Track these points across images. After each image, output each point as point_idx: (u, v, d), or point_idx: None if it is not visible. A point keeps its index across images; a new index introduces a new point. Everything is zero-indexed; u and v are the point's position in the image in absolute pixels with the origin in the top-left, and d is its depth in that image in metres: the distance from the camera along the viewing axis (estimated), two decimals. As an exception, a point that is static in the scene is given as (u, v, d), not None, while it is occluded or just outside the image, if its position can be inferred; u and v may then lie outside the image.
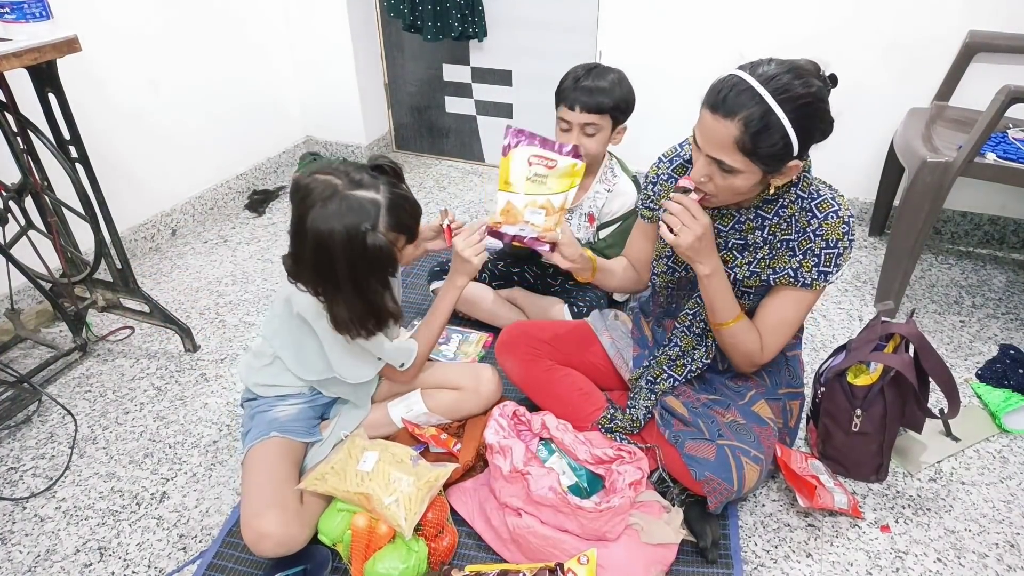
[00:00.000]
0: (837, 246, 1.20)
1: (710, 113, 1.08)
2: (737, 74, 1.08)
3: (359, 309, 1.19)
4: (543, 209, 1.30)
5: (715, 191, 1.15)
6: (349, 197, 1.13)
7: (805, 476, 1.38)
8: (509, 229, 1.31)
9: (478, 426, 1.50)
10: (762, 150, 1.06)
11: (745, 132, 1.05)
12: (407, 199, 1.20)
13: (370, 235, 1.13)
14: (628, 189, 1.76)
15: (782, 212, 1.22)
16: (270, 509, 1.20)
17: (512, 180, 1.31)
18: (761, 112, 1.04)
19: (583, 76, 1.60)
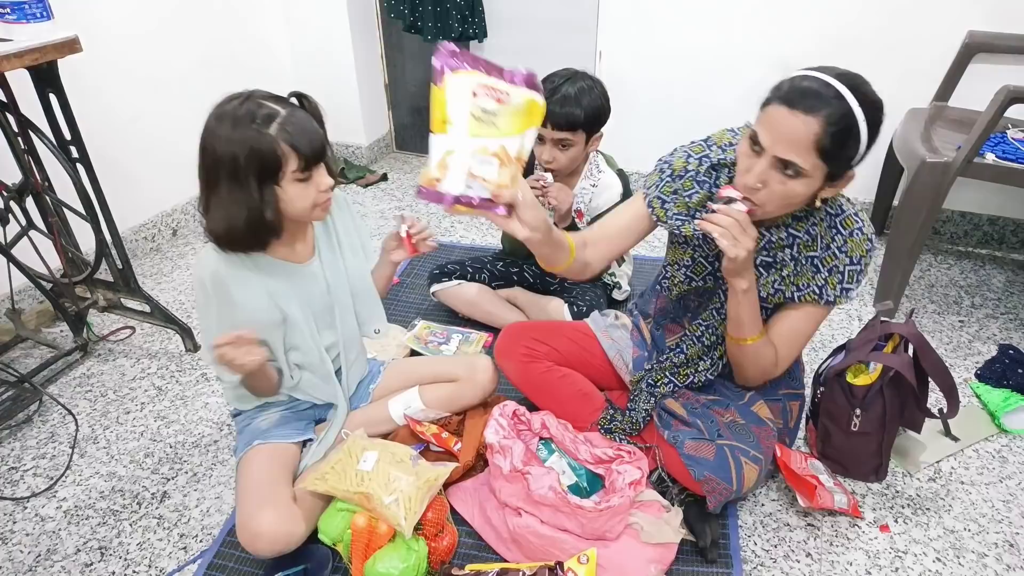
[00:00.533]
0: (860, 262, 1.18)
1: (786, 109, 1.01)
2: (811, 73, 1.03)
3: (234, 213, 1.12)
4: (495, 158, 0.96)
5: (765, 200, 1.07)
6: (252, 104, 1.10)
7: (805, 476, 1.38)
8: (451, 187, 0.95)
9: (478, 426, 1.50)
10: (839, 152, 1.01)
11: (826, 130, 0.99)
12: (310, 125, 1.12)
13: (255, 132, 1.07)
14: (613, 183, 1.78)
15: (812, 231, 1.18)
16: (261, 509, 1.21)
17: (450, 118, 0.95)
18: (843, 111, 0.99)
19: (558, 87, 1.59)
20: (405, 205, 2.77)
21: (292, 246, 1.28)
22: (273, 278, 1.26)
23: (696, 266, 1.32)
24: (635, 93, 2.62)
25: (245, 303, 1.23)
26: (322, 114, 1.19)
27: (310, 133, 1.11)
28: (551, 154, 1.65)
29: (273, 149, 1.08)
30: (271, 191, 1.12)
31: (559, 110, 1.59)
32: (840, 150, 1.01)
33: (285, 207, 1.16)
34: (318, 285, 1.32)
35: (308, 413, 1.45)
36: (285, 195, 1.14)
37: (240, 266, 1.22)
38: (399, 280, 2.23)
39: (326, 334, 1.38)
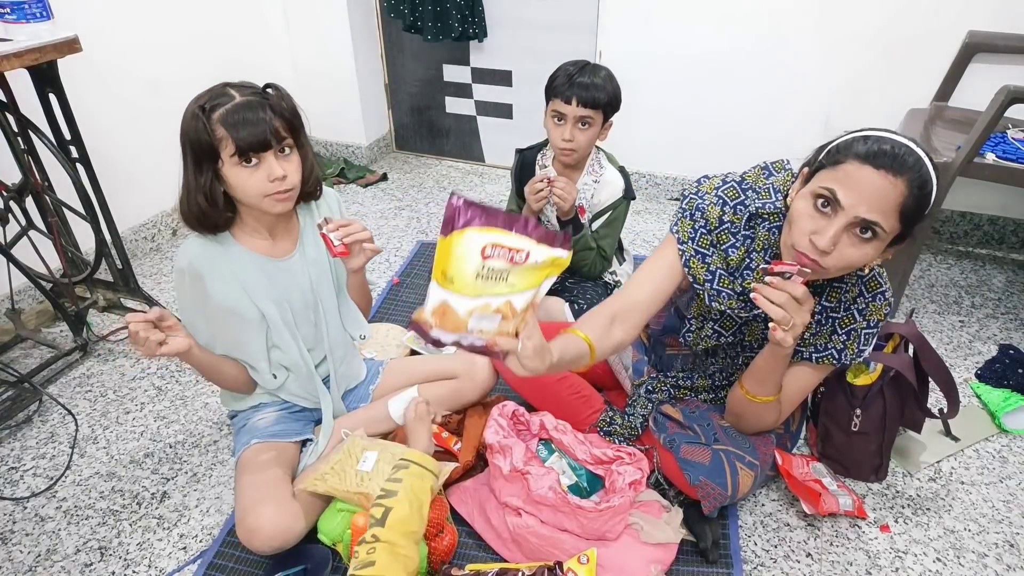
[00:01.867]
0: (877, 326, 1.15)
1: (872, 169, 0.94)
2: (887, 135, 0.97)
3: (191, 192, 1.18)
4: (497, 314, 0.90)
5: (832, 264, 0.99)
6: (218, 88, 1.14)
7: (808, 483, 1.38)
8: (444, 336, 0.91)
9: (478, 425, 1.50)
10: (918, 216, 0.96)
11: (912, 193, 0.94)
12: (257, 113, 1.11)
13: (196, 117, 1.11)
14: (615, 179, 1.78)
15: (844, 297, 1.13)
16: (258, 504, 1.21)
17: (453, 276, 0.88)
18: (925, 176, 0.94)
19: (577, 72, 1.62)
20: (405, 205, 2.77)
21: (272, 240, 1.28)
22: (249, 272, 1.25)
23: (725, 320, 1.25)
24: (635, 93, 2.60)
25: (219, 297, 1.23)
26: (290, 105, 1.18)
27: (252, 121, 1.11)
28: (571, 133, 1.65)
29: (209, 132, 1.10)
30: (210, 174, 1.15)
31: (584, 91, 1.61)
32: (919, 214, 0.96)
33: (233, 192, 1.17)
34: (298, 281, 1.31)
35: (305, 414, 1.45)
36: (229, 179, 1.15)
37: (217, 258, 1.23)
38: (399, 280, 2.23)
39: (309, 332, 1.37)
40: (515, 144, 1.96)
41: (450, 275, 0.88)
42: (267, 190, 1.16)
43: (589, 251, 1.79)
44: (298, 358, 1.35)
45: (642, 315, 1.20)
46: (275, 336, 1.31)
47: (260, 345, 1.31)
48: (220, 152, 1.12)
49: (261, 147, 1.13)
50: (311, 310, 1.35)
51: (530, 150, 1.87)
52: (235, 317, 1.26)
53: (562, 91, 1.63)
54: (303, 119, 1.20)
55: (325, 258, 1.34)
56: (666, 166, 2.76)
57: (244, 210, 1.23)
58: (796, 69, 2.38)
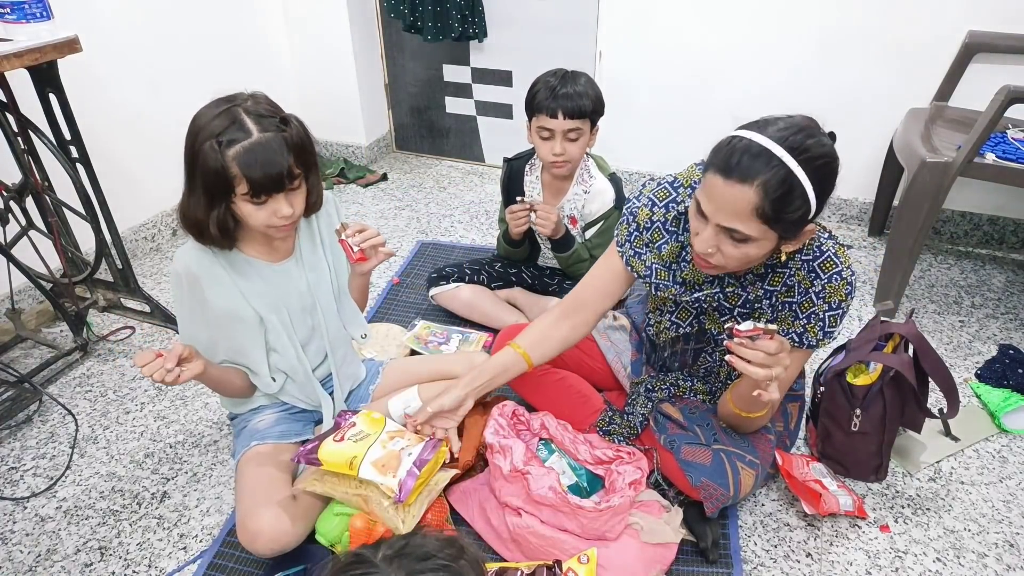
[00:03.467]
0: (841, 307, 1.15)
1: (721, 179, 0.98)
2: (746, 135, 0.99)
3: (199, 211, 1.15)
4: (399, 437, 1.26)
5: (723, 262, 1.06)
6: (233, 114, 1.10)
7: (809, 483, 1.38)
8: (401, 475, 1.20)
9: (478, 425, 1.50)
10: (783, 216, 0.98)
11: (765, 198, 0.96)
12: (273, 154, 1.10)
13: (213, 150, 1.08)
14: (605, 187, 1.77)
15: (789, 281, 1.16)
16: (260, 508, 1.21)
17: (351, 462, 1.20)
18: (783, 175, 0.95)
19: (559, 84, 1.61)
20: (405, 205, 2.77)
21: (270, 245, 1.28)
22: (246, 277, 1.26)
23: (681, 311, 1.29)
24: (635, 93, 2.62)
25: (217, 301, 1.23)
26: (306, 141, 1.17)
27: (267, 163, 1.09)
28: (562, 147, 1.65)
29: (224, 170, 1.08)
30: (224, 206, 1.14)
31: (569, 102, 1.60)
32: (783, 214, 0.97)
33: (243, 220, 1.17)
34: (296, 285, 1.31)
35: (305, 415, 1.45)
36: (240, 211, 1.15)
37: (214, 263, 1.23)
38: (399, 280, 2.23)
39: (306, 335, 1.37)
40: (516, 144, 1.96)
41: (351, 463, 1.20)
42: (273, 223, 1.16)
43: (584, 262, 1.80)
44: (295, 362, 1.35)
45: (591, 314, 1.31)
46: (273, 340, 1.31)
47: (259, 349, 1.31)
48: (234, 188, 1.11)
49: (275, 190, 1.13)
50: (308, 313, 1.35)
51: (518, 159, 1.87)
52: (234, 321, 1.26)
53: (546, 106, 1.61)
54: (314, 147, 1.20)
55: (323, 261, 1.34)
56: (665, 166, 2.75)
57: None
58: (796, 69, 2.38)
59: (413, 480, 1.19)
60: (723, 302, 1.21)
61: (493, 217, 2.66)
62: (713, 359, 1.32)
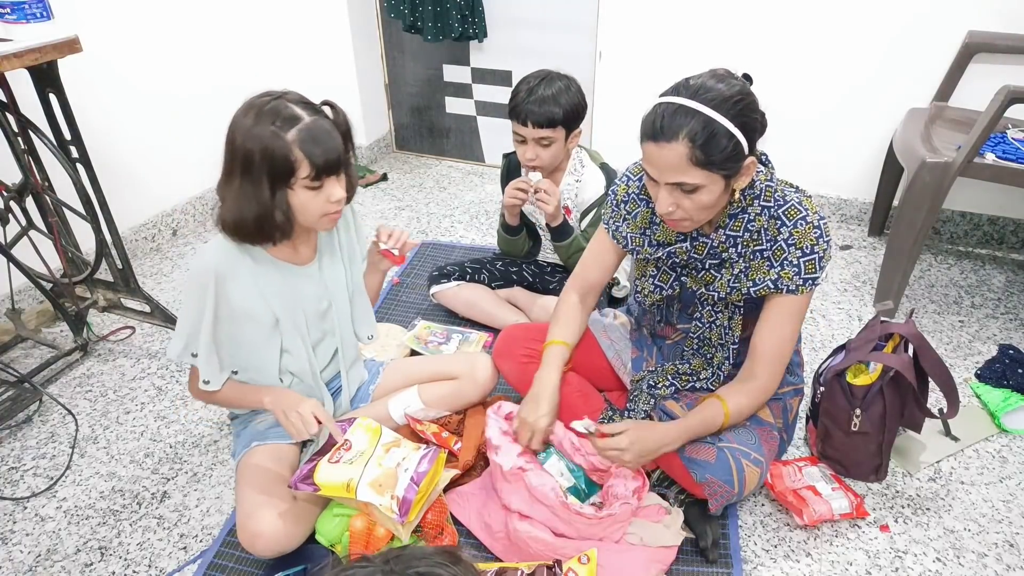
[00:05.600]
0: (814, 252, 1.19)
1: (653, 144, 1.09)
2: (663, 100, 1.10)
3: (245, 207, 1.13)
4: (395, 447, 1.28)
5: (685, 215, 1.15)
6: (281, 104, 1.11)
7: (801, 490, 1.39)
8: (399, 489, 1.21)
9: (478, 425, 1.50)
10: (716, 156, 1.07)
11: (694, 145, 1.06)
12: (329, 136, 1.12)
13: (272, 134, 1.08)
14: (597, 177, 1.80)
15: (751, 226, 1.20)
16: (261, 509, 1.21)
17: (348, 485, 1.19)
18: (703, 122, 1.06)
19: (534, 87, 1.63)
20: (405, 205, 2.77)
21: (295, 248, 1.28)
22: (269, 278, 1.26)
23: (662, 275, 1.34)
24: (635, 93, 2.62)
25: (237, 300, 1.23)
26: (350, 127, 1.19)
27: (327, 144, 1.11)
28: (534, 152, 1.69)
29: (286, 154, 1.09)
30: (283, 194, 1.13)
31: (538, 109, 1.62)
32: (714, 154, 1.07)
33: (297, 213, 1.17)
34: (315, 288, 1.32)
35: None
36: (296, 200, 1.15)
37: (240, 262, 1.22)
38: (399, 280, 2.23)
39: (320, 338, 1.38)
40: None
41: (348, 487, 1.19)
42: (327, 211, 1.17)
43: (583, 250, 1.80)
44: (305, 364, 1.35)
45: (599, 288, 1.49)
46: (287, 341, 1.31)
47: (271, 350, 1.31)
48: (295, 172, 1.11)
49: (334, 171, 1.14)
50: (323, 317, 1.36)
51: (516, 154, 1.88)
52: (249, 321, 1.26)
53: (517, 113, 1.64)
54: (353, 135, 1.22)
55: (340, 265, 1.36)
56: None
57: None
58: (796, 69, 2.38)
59: (413, 495, 1.19)
60: (693, 254, 1.26)
61: (493, 217, 2.66)
62: (702, 321, 1.34)
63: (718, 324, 1.32)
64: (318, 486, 1.19)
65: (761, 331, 1.27)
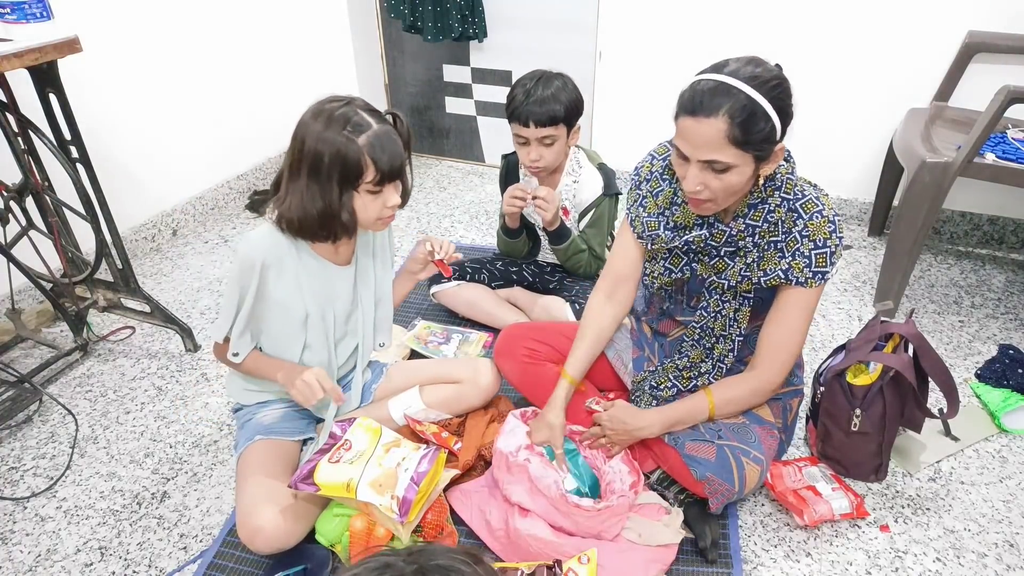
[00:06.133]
0: (827, 246, 1.20)
1: (691, 118, 1.09)
2: (704, 77, 1.10)
3: (309, 205, 1.17)
4: (395, 447, 1.28)
5: (712, 196, 1.15)
6: (350, 110, 1.16)
7: (801, 491, 1.39)
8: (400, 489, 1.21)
9: (479, 425, 1.50)
10: (753, 136, 1.08)
11: (733, 123, 1.06)
12: (395, 144, 1.18)
13: (344, 138, 1.13)
14: (594, 177, 1.79)
15: (770, 217, 1.21)
16: (261, 505, 1.21)
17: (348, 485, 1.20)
18: (743, 101, 1.06)
19: (531, 88, 1.63)
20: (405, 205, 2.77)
21: (337, 248, 1.31)
22: (310, 273, 1.29)
23: (673, 258, 1.34)
24: (635, 93, 2.62)
25: (276, 292, 1.26)
26: (412, 136, 1.26)
27: (392, 151, 1.16)
28: (537, 152, 1.68)
29: (358, 158, 1.14)
30: (349, 195, 1.18)
31: (539, 108, 1.62)
32: (752, 135, 1.08)
33: (356, 212, 1.20)
34: (347, 289, 1.35)
35: (309, 413, 1.45)
36: (357, 202, 1.19)
37: (285, 255, 1.26)
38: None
39: (344, 338, 1.40)
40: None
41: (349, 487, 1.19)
42: (383, 215, 1.23)
43: (581, 253, 1.80)
44: (326, 359, 1.37)
45: (632, 282, 1.44)
46: (311, 337, 1.33)
47: (297, 343, 1.33)
48: (362, 175, 1.15)
49: (396, 176, 1.20)
50: (350, 317, 1.39)
51: (515, 155, 1.88)
52: (284, 313, 1.29)
53: (518, 114, 1.64)
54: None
55: (372, 269, 1.40)
56: (666, 166, 2.76)
57: None
58: (796, 69, 2.37)
59: (413, 494, 1.19)
60: (710, 241, 1.26)
61: (493, 217, 2.66)
62: (707, 311, 1.33)
63: (723, 314, 1.32)
64: (318, 486, 1.19)
65: (769, 324, 1.29)
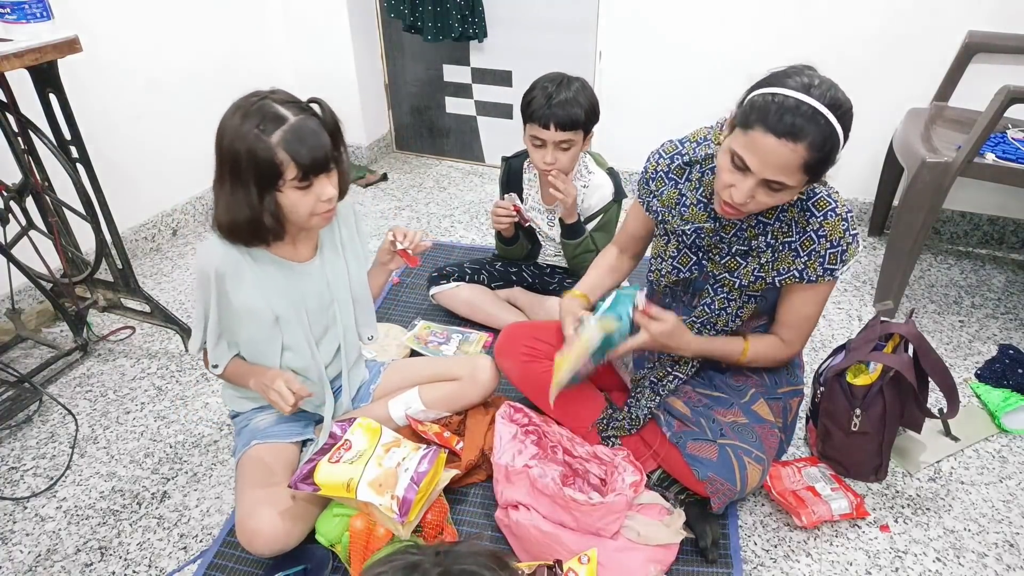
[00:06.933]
0: (840, 244, 1.20)
1: (774, 138, 1.03)
2: (788, 94, 1.04)
3: (236, 210, 1.13)
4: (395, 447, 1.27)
5: (753, 209, 1.14)
6: (266, 105, 1.10)
7: (800, 491, 1.39)
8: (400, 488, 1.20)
9: (480, 424, 1.50)
10: (824, 167, 1.07)
11: (812, 152, 1.03)
12: (316, 135, 1.11)
13: (255, 136, 1.07)
14: (604, 182, 1.78)
15: (783, 216, 1.22)
16: (260, 507, 1.21)
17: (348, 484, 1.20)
18: (827, 133, 1.03)
19: (552, 93, 1.60)
20: (405, 205, 2.77)
21: (294, 245, 1.28)
22: (269, 276, 1.26)
23: (681, 257, 1.35)
24: (635, 93, 2.62)
25: (238, 298, 1.23)
26: (338, 123, 1.18)
27: (313, 143, 1.10)
28: (553, 156, 1.65)
29: (270, 157, 1.08)
30: (271, 196, 1.13)
31: (562, 112, 1.59)
32: (824, 165, 1.07)
33: (287, 213, 1.16)
34: (316, 284, 1.32)
35: (306, 415, 1.45)
36: (286, 201, 1.14)
37: (240, 260, 1.23)
38: (399, 280, 2.23)
39: (322, 335, 1.38)
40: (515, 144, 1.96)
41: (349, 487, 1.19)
42: (318, 210, 1.17)
43: (589, 253, 1.80)
44: (310, 360, 1.36)
45: (644, 242, 1.51)
46: (288, 339, 1.32)
47: (274, 348, 1.31)
48: (282, 175, 1.10)
49: (323, 169, 1.13)
50: (326, 312, 1.36)
51: (516, 158, 1.87)
52: (252, 319, 1.27)
53: (539, 116, 1.61)
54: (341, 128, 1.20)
55: (342, 262, 1.36)
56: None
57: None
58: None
59: (413, 495, 1.19)
60: (720, 233, 1.27)
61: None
62: (711, 307, 1.33)
63: (728, 311, 1.32)
64: (318, 486, 1.19)
65: (783, 313, 1.32)
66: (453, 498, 1.42)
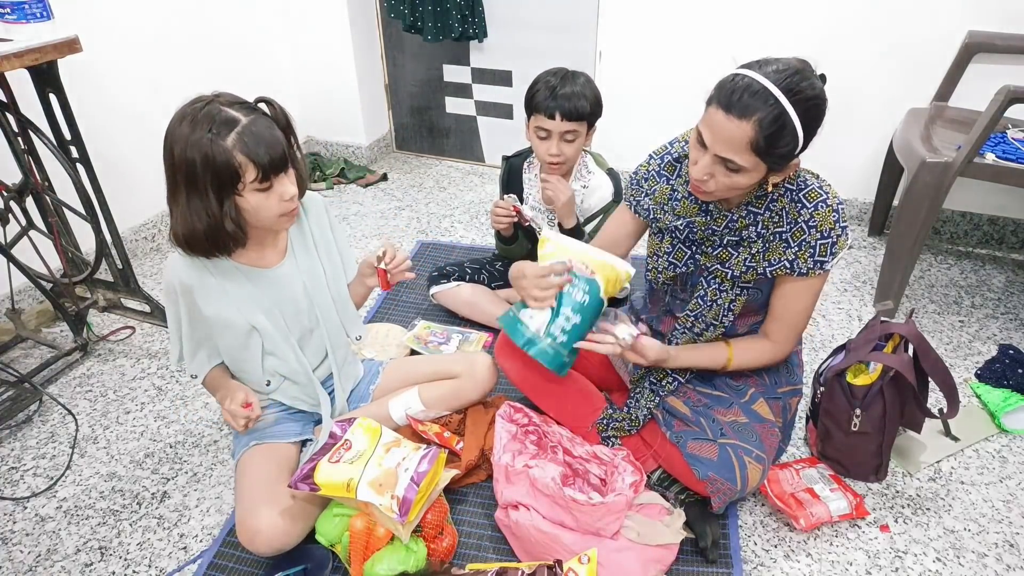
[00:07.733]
0: (831, 235, 1.21)
1: (723, 113, 1.07)
2: (748, 74, 1.07)
3: (193, 220, 1.11)
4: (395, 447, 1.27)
5: (715, 188, 1.16)
6: (213, 108, 1.08)
7: (799, 493, 1.39)
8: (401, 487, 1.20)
9: (480, 423, 1.50)
10: (774, 150, 1.07)
11: (760, 133, 1.05)
12: (270, 134, 1.10)
13: (209, 141, 1.05)
14: (604, 183, 1.79)
15: (773, 206, 1.22)
16: (260, 506, 1.22)
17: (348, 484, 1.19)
18: (776, 113, 1.05)
19: (558, 84, 1.62)
20: (405, 205, 2.77)
21: (260, 251, 1.27)
22: (238, 285, 1.25)
23: (676, 252, 1.36)
24: (635, 93, 2.62)
25: (208, 310, 1.23)
26: (290, 120, 1.16)
27: (269, 142, 1.08)
28: (558, 147, 1.66)
29: (228, 160, 1.06)
30: (231, 202, 1.11)
31: (567, 102, 1.60)
32: (774, 148, 1.07)
33: (249, 217, 1.15)
34: (290, 288, 1.31)
35: (305, 415, 1.45)
36: (247, 205, 1.13)
37: (205, 273, 1.22)
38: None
39: (305, 337, 1.37)
40: (515, 144, 1.97)
41: (349, 487, 1.19)
42: (283, 210, 1.16)
43: None
44: (295, 364, 1.35)
45: (617, 248, 1.45)
46: (269, 345, 1.31)
47: (254, 355, 1.31)
48: (241, 177, 1.09)
49: (281, 168, 1.12)
50: (305, 316, 1.35)
51: (517, 157, 1.87)
52: (226, 329, 1.26)
53: (544, 106, 1.62)
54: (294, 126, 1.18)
55: (318, 264, 1.34)
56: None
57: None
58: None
59: (413, 495, 1.19)
60: (712, 226, 1.28)
61: (493, 217, 2.66)
62: (704, 300, 1.34)
63: (719, 303, 1.33)
64: (318, 486, 1.19)
65: (775, 306, 1.31)
66: (453, 498, 1.42)
